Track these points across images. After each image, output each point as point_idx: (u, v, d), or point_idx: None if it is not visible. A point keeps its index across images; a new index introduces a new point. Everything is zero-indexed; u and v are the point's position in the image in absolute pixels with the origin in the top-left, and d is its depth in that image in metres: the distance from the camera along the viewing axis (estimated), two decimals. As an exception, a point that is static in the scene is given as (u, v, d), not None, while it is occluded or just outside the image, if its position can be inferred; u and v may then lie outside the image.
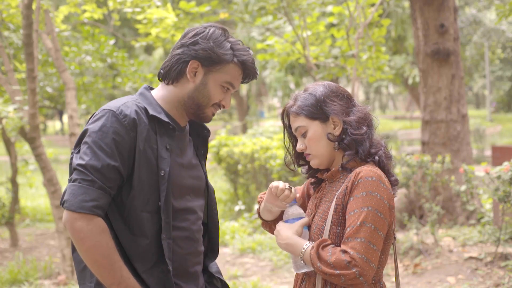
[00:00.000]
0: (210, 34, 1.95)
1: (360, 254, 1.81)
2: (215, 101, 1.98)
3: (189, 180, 2.02)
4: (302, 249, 1.90)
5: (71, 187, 1.82)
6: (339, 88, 2.05)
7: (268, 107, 46.48)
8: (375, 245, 1.84)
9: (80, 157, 1.84)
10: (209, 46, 1.93)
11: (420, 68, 7.10)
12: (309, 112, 2.00)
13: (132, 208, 1.89)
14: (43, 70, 7.71)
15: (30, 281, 5.68)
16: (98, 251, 1.79)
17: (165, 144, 1.92)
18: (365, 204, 1.86)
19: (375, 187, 1.88)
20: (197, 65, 1.95)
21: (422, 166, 5.61)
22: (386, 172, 1.99)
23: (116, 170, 1.83)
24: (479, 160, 13.08)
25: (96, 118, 1.88)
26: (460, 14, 20.40)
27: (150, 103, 1.96)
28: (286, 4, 6.37)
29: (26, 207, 10.21)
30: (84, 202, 1.79)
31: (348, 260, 1.79)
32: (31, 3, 5.05)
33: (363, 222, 1.83)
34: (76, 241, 1.81)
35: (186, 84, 1.97)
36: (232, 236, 7.14)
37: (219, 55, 1.93)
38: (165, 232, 1.90)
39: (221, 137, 9.30)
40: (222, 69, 1.95)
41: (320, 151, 2.02)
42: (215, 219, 2.16)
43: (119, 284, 1.82)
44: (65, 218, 1.81)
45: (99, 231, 1.80)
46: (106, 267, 1.81)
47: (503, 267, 4.85)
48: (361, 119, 2.00)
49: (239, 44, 1.98)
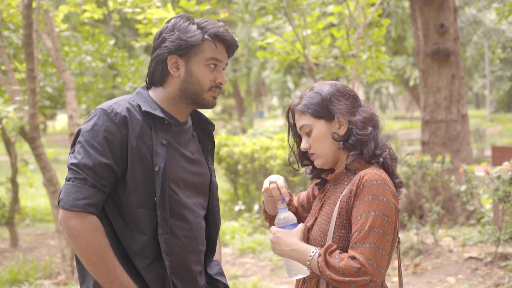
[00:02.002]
0: (173, 25, 1.96)
1: (370, 260, 1.79)
2: (207, 83, 1.97)
3: (189, 176, 2.01)
4: (309, 256, 1.87)
5: (65, 186, 1.84)
6: (346, 87, 2.03)
7: (268, 107, 46.49)
8: (383, 250, 1.82)
9: (74, 156, 1.87)
10: (175, 36, 1.93)
11: (420, 68, 7.10)
12: (315, 111, 1.99)
13: (128, 204, 1.89)
14: (43, 70, 7.71)
15: (30, 281, 5.68)
16: (91, 249, 1.81)
17: (161, 139, 1.93)
18: (372, 209, 1.84)
19: (381, 190, 1.86)
20: (175, 59, 1.95)
21: (422, 166, 5.60)
22: (391, 174, 1.97)
23: (109, 167, 1.85)
24: (479, 160, 13.08)
25: (89, 118, 1.91)
26: (460, 14, 20.40)
27: (146, 100, 1.97)
28: (286, 4, 6.37)
29: (26, 207, 10.21)
30: (76, 200, 1.81)
31: (358, 267, 1.78)
32: (31, 3, 5.05)
33: (371, 227, 1.82)
34: (71, 239, 1.84)
35: (173, 81, 1.98)
36: (232, 236, 7.14)
37: (187, 40, 1.93)
38: (162, 228, 1.90)
39: (221, 137, 9.29)
40: (198, 51, 1.94)
41: (325, 150, 2.00)
42: (216, 216, 2.14)
43: (112, 282, 1.83)
44: (59, 216, 1.84)
45: (92, 229, 1.81)
46: (99, 265, 1.82)
47: (503, 267, 4.85)
48: (366, 119, 1.98)
49: (206, 22, 1.97)
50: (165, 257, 1.91)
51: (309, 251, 1.88)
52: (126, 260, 1.90)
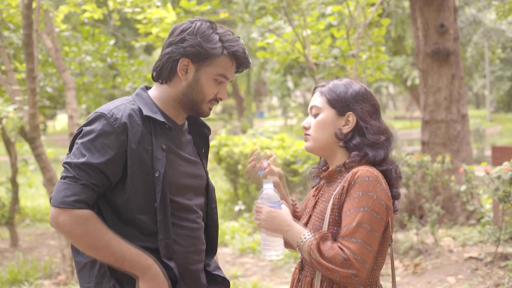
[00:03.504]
0: (197, 28, 1.92)
1: (356, 255, 1.81)
2: (210, 95, 1.97)
3: (188, 179, 2.02)
4: (303, 236, 1.90)
5: (57, 184, 1.85)
6: (373, 96, 2.05)
7: (268, 107, 46.49)
8: (370, 246, 1.84)
9: (68, 156, 1.88)
10: (197, 41, 1.91)
11: (420, 68, 7.10)
12: (332, 98, 2.01)
13: (128, 210, 1.90)
14: (43, 70, 7.70)
15: (30, 281, 5.68)
16: (87, 237, 1.81)
17: (161, 144, 1.92)
18: (361, 204, 1.86)
19: (371, 187, 1.87)
20: (187, 62, 1.93)
21: (422, 166, 5.60)
22: (391, 185, 1.98)
23: (101, 171, 1.84)
24: (479, 160, 13.07)
25: (89, 120, 1.91)
26: (460, 14, 20.39)
27: (146, 103, 1.96)
28: (286, 4, 6.36)
29: (26, 207, 10.20)
30: (65, 197, 1.81)
31: (345, 258, 1.80)
32: (31, 3, 5.05)
33: (360, 223, 1.84)
34: (66, 236, 1.85)
35: (179, 82, 1.97)
36: (232, 236, 7.14)
37: (208, 50, 1.91)
38: (162, 233, 1.90)
39: (221, 137, 9.29)
40: (213, 63, 1.93)
41: (320, 137, 2.01)
42: (214, 218, 2.16)
43: (122, 257, 1.83)
44: (50, 214, 1.85)
45: (83, 220, 1.81)
46: (102, 247, 1.82)
47: (503, 267, 4.85)
48: (381, 129, 2.00)
49: (228, 35, 1.96)
50: (168, 262, 1.91)
51: (304, 231, 1.92)
52: None
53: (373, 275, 1.95)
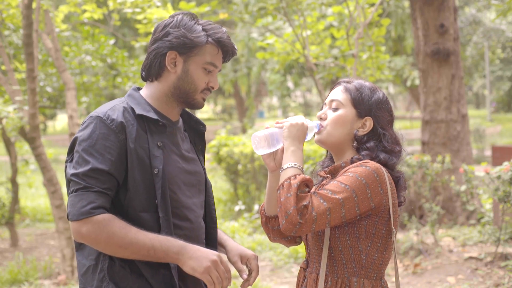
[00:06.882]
0: (179, 21, 1.95)
1: (315, 213, 1.78)
2: (201, 85, 1.98)
3: (186, 176, 2.02)
4: (293, 164, 1.86)
5: (70, 199, 1.85)
6: (390, 105, 2.05)
7: (268, 107, 46.47)
8: (344, 208, 1.82)
9: (72, 166, 1.87)
10: (181, 33, 1.93)
11: (420, 68, 7.10)
12: (357, 98, 1.99)
13: (132, 209, 1.90)
14: (43, 70, 7.70)
15: (30, 281, 5.68)
16: (114, 238, 1.81)
17: (157, 142, 1.93)
18: (346, 182, 1.84)
19: (366, 175, 1.86)
20: (174, 55, 1.95)
21: (422, 166, 5.60)
22: (398, 191, 2.00)
23: (109, 174, 1.85)
24: (479, 160, 13.07)
25: (84, 125, 1.91)
26: (460, 14, 20.39)
27: (138, 102, 1.97)
28: (285, 4, 6.36)
29: (26, 207, 10.20)
30: (82, 208, 1.81)
31: (305, 205, 1.78)
32: (31, 3, 5.05)
33: (334, 194, 1.82)
34: (93, 246, 1.84)
35: (169, 77, 1.98)
36: (232, 236, 7.13)
37: (193, 39, 1.93)
38: (164, 230, 1.91)
39: (221, 137, 9.29)
40: (199, 52, 1.95)
41: (337, 133, 1.99)
42: (213, 214, 2.16)
43: (153, 248, 1.83)
44: (72, 230, 1.84)
45: (105, 223, 1.81)
46: (132, 244, 1.82)
47: (503, 267, 4.85)
48: (396, 139, 2.02)
49: (210, 24, 1.98)
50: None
51: (296, 160, 1.88)
52: (132, 264, 1.90)
53: (379, 270, 1.94)
